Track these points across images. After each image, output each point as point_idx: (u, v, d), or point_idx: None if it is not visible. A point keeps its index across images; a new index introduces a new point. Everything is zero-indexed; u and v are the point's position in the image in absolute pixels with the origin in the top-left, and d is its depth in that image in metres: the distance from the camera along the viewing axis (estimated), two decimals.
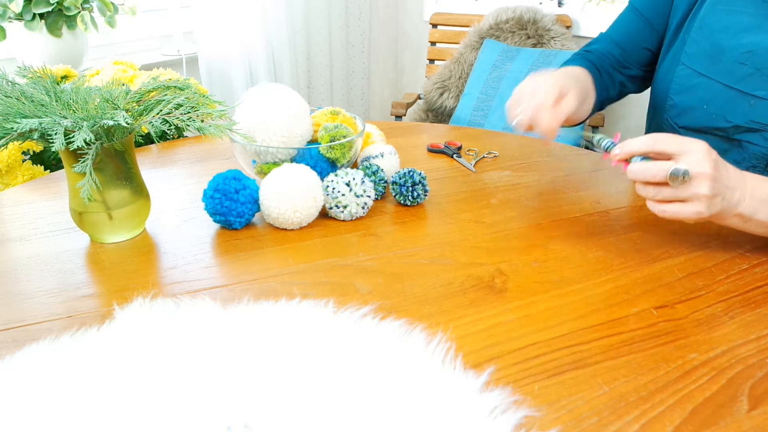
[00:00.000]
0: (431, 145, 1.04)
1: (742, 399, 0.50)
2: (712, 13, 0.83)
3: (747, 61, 0.78)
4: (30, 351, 0.53)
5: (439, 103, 2.17)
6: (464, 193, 0.88)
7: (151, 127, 0.67)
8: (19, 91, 0.67)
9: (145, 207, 0.75)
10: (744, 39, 0.79)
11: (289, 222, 0.76)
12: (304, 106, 0.84)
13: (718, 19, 0.82)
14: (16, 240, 0.74)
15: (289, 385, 0.49)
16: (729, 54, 0.80)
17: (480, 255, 0.71)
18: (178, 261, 0.69)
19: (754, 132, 0.80)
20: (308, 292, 0.63)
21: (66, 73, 1.28)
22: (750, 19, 0.79)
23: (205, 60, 2.06)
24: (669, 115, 0.89)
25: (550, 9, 2.19)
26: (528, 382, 0.51)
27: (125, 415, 0.46)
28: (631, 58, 0.97)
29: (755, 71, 0.78)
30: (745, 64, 0.79)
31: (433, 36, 2.34)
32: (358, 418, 0.46)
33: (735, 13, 0.81)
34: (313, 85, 2.46)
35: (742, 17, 0.80)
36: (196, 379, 0.50)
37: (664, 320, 0.60)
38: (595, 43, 1.01)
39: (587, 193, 0.87)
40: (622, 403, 0.49)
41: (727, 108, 0.81)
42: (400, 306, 0.61)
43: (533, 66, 1.96)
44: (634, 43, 0.97)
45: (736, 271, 0.68)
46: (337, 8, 2.42)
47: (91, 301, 0.62)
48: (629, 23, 0.97)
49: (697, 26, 0.85)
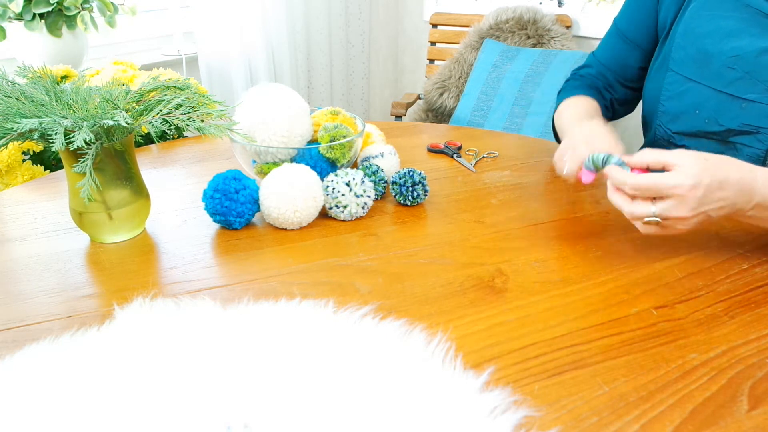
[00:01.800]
0: (431, 145, 1.04)
1: (742, 399, 0.50)
2: (697, 19, 0.83)
3: (735, 66, 0.79)
4: (30, 351, 0.53)
5: (439, 103, 2.17)
6: (464, 193, 0.88)
7: (151, 127, 0.67)
8: (19, 91, 0.67)
9: (145, 207, 0.75)
10: (729, 44, 0.79)
11: (289, 222, 0.76)
12: (304, 106, 0.84)
13: (702, 24, 0.82)
14: (16, 240, 0.74)
15: (289, 385, 0.49)
16: (716, 59, 0.80)
17: (480, 255, 0.71)
18: (178, 261, 0.69)
19: (747, 134, 0.80)
20: (308, 292, 0.63)
21: (66, 73, 1.28)
22: (733, 24, 0.79)
23: (205, 60, 2.06)
24: (662, 121, 0.89)
25: (550, 9, 2.19)
26: (528, 382, 0.51)
27: (125, 415, 0.46)
28: (621, 77, 0.98)
29: (744, 75, 0.78)
30: (733, 69, 0.79)
31: (433, 36, 2.34)
32: (358, 418, 0.46)
33: (718, 18, 0.81)
34: (313, 85, 2.46)
35: (725, 22, 0.80)
36: (196, 379, 0.50)
37: (664, 320, 0.60)
38: (587, 66, 1.02)
39: (587, 193, 0.87)
40: (622, 403, 0.49)
41: (718, 112, 0.81)
42: (400, 306, 0.61)
43: (533, 66, 1.96)
44: (621, 64, 0.98)
45: (736, 271, 0.68)
46: (337, 8, 2.42)
47: (91, 301, 0.62)
48: (613, 46, 0.98)
49: (681, 32, 0.85)
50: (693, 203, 0.62)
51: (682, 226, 0.64)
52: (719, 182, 0.63)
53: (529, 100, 1.94)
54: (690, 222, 0.64)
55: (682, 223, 0.64)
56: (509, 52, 2.03)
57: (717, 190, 0.63)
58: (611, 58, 0.98)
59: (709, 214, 0.64)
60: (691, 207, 0.62)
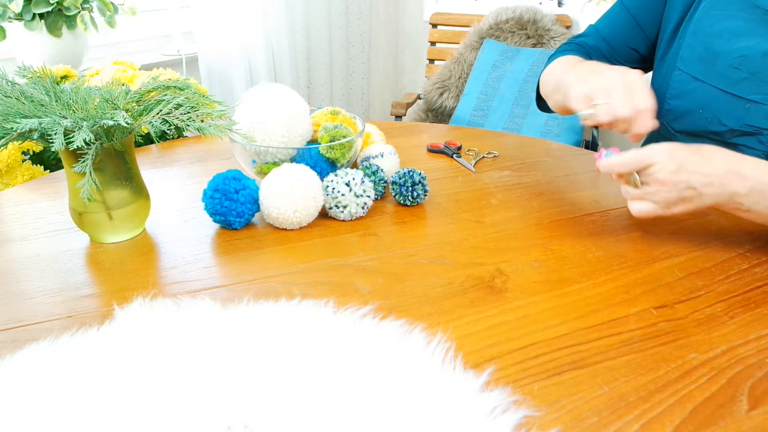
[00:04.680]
0: (431, 145, 1.04)
1: (742, 399, 0.50)
2: (707, 18, 0.83)
3: (741, 66, 0.78)
4: (30, 351, 0.53)
5: (439, 103, 2.17)
6: (464, 193, 0.88)
7: (151, 127, 0.67)
8: (19, 91, 0.67)
9: (145, 207, 0.75)
10: (738, 44, 0.79)
11: (289, 222, 0.76)
12: (304, 106, 0.84)
13: (712, 24, 0.82)
14: (16, 240, 0.74)
15: (289, 385, 0.49)
16: (723, 59, 0.80)
17: (480, 255, 0.71)
18: (178, 261, 0.69)
19: (750, 135, 0.80)
20: (308, 292, 0.63)
21: (66, 73, 1.28)
22: (743, 24, 0.79)
23: (205, 60, 2.06)
24: (665, 120, 0.89)
25: (550, 9, 2.19)
26: (528, 382, 0.51)
27: (125, 415, 0.46)
28: (617, 55, 0.97)
29: (749, 75, 0.78)
30: (739, 69, 0.79)
31: (433, 36, 2.34)
32: (358, 418, 0.46)
33: (729, 17, 0.81)
34: (313, 85, 2.46)
35: (735, 22, 0.80)
36: (196, 379, 0.50)
37: (664, 320, 0.60)
38: (584, 35, 1.01)
39: (587, 193, 0.87)
40: (622, 403, 0.49)
41: (722, 112, 0.81)
42: (400, 306, 0.61)
43: (533, 66, 1.96)
44: (620, 40, 0.97)
45: (736, 271, 0.68)
46: (337, 8, 2.42)
47: (91, 301, 0.62)
48: (617, 20, 0.97)
49: (691, 31, 0.85)
50: (672, 168, 0.64)
51: (665, 195, 0.65)
52: (701, 156, 0.65)
53: (529, 100, 1.94)
54: (671, 191, 0.65)
55: (664, 190, 0.65)
56: (509, 52, 2.03)
57: (700, 163, 0.64)
58: (611, 32, 0.98)
59: (693, 185, 0.64)
60: (669, 172, 0.64)
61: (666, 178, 0.64)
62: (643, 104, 0.67)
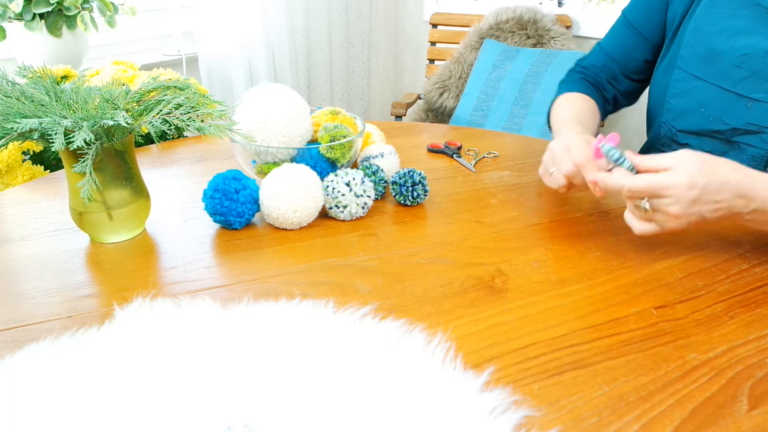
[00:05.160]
0: (431, 145, 1.04)
1: (742, 399, 0.50)
2: (707, 17, 0.83)
3: (743, 65, 0.78)
4: (30, 351, 0.53)
5: (439, 103, 2.17)
6: (464, 193, 0.88)
7: (151, 127, 0.67)
8: (19, 91, 0.67)
9: (145, 207, 0.75)
10: (738, 42, 0.79)
11: (289, 222, 0.76)
12: (304, 106, 0.84)
13: (712, 23, 0.82)
14: (16, 240, 0.74)
15: (289, 385, 0.49)
16: (724, 57, 0.80)
17: (480, 255, 0.71)
18: (178, 261, 0.69)
19: (752, 134, 0.80)
20: (308, 292, 0.63)
21: (66, 73, 1.28)
22: (744, 23, 0.79)
23: (205, 60, 2.06)
24: (666, 119, 0.89)
25: (550, 9, 2.19)
26: (528, 382, 0.51)
27: (125, 415, 0.46)
28: (626, 69, 0.98)
29: (751, 74, 0.78)
30: (741, 67, 0.79)
31: (433, 36, 2.34)
32: (358, 418, 0.46)
33: (729, 16, 0.81)
34: (313, 85, 2.46)
35: (736, 20, 0.80)
36: (196, 379, 0.50)
37: (664, 320, 0.60)
38: (589, 57, 1.02)
39: (587, 193, 0.87)
40: (622, 403, 0.49)
41: (724, 111, 0.81)
42: (400, 306, 0.61)
43: (533, 66, 1.96)
44: (627, 56, 0.98)
45: (736, 271, 0.68)
46: (337, 8, 2.42)
47: (91, 301, 0.62)
48: (621, 37, 0.98)
49: (691, 30, 0.85)
50: (687, 203, 0.62)
51: (673, 224, 0.64)
52: (716, 184, 0.62)
53: (529, 100, 1.94)
54: (682, 221, 0.64)
55: (674, 221, 0.64)
56: (509, 52, 2.03)
57: (714, 192, 0.62)
58: (618, 49, 0.98)
59: (703, 214, 0.63)
60: (684, 206, 0.62)
61: (680, 213, 0.63)
62: (579, 158, 0.71)
